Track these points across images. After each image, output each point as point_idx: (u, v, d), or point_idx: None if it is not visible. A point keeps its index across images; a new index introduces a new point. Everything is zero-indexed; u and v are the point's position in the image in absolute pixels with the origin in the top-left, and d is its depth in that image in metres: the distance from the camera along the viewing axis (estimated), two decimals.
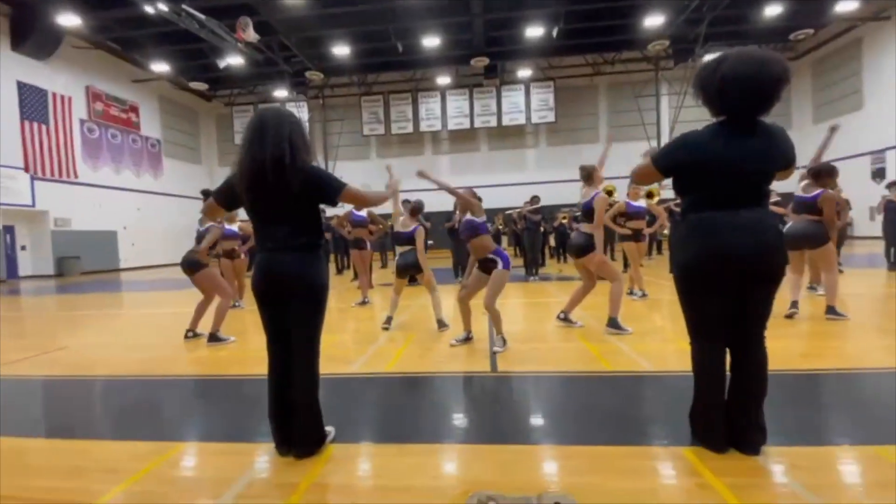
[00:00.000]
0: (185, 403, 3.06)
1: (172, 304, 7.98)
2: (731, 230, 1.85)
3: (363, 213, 6.94)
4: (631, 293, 6.26)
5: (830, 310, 4.44)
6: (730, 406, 1.99)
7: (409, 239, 5.04)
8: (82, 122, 17.37)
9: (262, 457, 2.11)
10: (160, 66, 18.25)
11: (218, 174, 24.49)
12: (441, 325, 4.80)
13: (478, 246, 3.91)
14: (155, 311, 7.28)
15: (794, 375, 2.97)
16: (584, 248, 4.30)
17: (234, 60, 17.07)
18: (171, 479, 1.96)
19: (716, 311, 1.95)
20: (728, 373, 2.00)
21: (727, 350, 2.00)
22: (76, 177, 16.94)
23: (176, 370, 3.76)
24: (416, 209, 5.24)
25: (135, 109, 19.79)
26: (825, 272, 4.59)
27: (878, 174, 17.46)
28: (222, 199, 2.15)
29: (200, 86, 20.90)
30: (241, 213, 3.68)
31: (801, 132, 20.99)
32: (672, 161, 1.97)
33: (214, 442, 2.32)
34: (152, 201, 20.30)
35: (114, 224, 18.50)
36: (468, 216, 3.97)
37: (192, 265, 4.61)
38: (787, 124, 20.96)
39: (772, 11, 16.03)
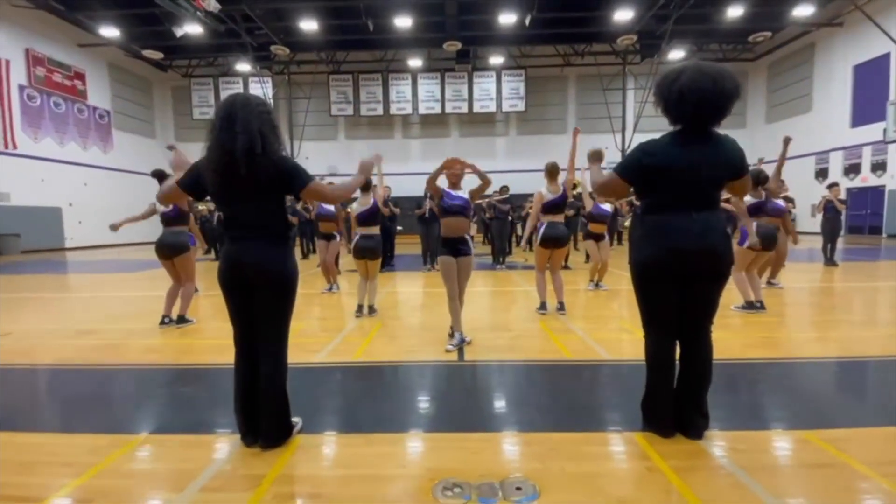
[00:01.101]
0: (144, 394, 2.97)
1: (124, 287, 7.62)
2: (683, 232, 1.98)
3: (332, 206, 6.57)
4: (598, 286, 6.52)
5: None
6: (677, 394, 2.15)
7: (371, 217, 4.95)
8: (21, 88, 16.00)
9: (226, 448, 2.10)
10: (109, 31, 16.98)
11: None
12: (371, 310, 4.91)
13: (459, 225, 3.72)
14: (106, 295, 6.93)
15: (736, 365, 3.21)
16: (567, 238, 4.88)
17: (192, 29, 16.11)
18: (131, 473, 1.93)
19: (667, 306, 2.10)
20: (677, 363, 2.16)
21: (677, 342, 2.16)
22: (15, 147, 15.66)
23: (131, 358, 3.63)
24: (367, 184, 5.16)
25: (81, 77, 18.39)
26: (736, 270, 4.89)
27: (822, 174, 18.68)
28: (188, 188, 2.07)
29: (154, 54, 19.57)
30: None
31: (755, 131, 22.12)
32: (636, 170, 2.07)
33: (176, 434, 2.27)
34: (101, 176, 19.06)
35: (58, 200, 17.29)
36: (459, 193, 3.77)
37: (175, 248, 4.47)
38: (741, 124, 22.03)
39: (734, 13, 16.64)
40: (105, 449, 2.09)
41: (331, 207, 6.41)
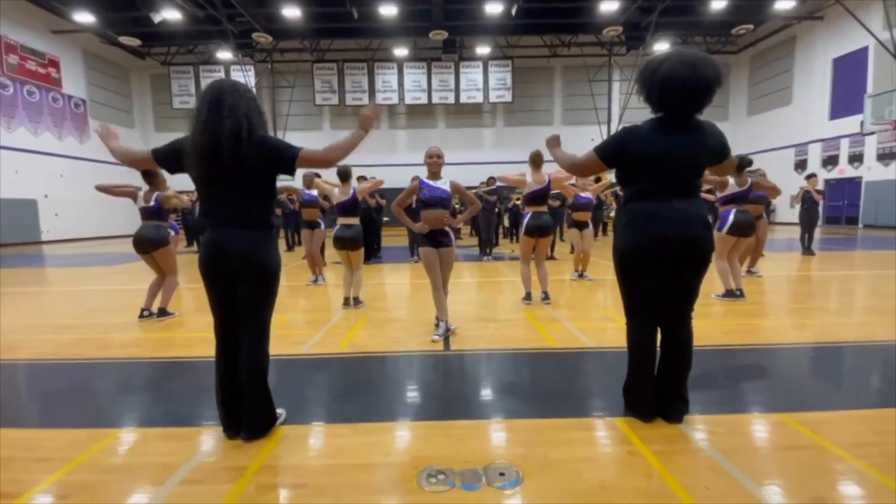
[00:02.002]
0: (122, 388, 2.92)
1: (103, 281, 7.45)
2: (665, 220, 2.00)
3: (314, 192, 6.25)
4: (581, 275, 6.58)
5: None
6: (658, 379, 2.19)
7: (351, 207, 4.91)
8: None
9: (207, 441, 2.07)
10: (84, 17, 16.40)
11: (154, 140, 22.65)
12: (357, 302, 4.90)
13: (439, 217, 3.66)
14: (83, 289, 6.77)
15: (716, 351, 3.27)
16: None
17: (170, 15, 15.67)
18: (110, 467, 1.89)
19: (649, 293, 2.12)
20: (658, 349, 2.19)
21: (658, 329, 2.19)
22: None
23: (110, 352, 3.55)
24: (346, 174, 5.15)
25: (55, 64, 17.77)
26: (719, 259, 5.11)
27: (801, 165, 19.08)
28: (163, 160, 2.02)
29: (132, 41, 18.99)
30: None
31: (736, 123, 22.46)
32: (614, 152, 2.08)
33: (156, 427, 2.23)
34: (78, 167, 18.50)
35: (33, 192, 16.77)
36: (439, 184, 3.69)
37: (155, 242, 4.35)
38: (723, 116, 22.33)
39: (717, 5, 16.78)
40: (83, 443, 2.05)
41: (314, 192, 6.25)
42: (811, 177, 9.12)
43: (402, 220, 3.89)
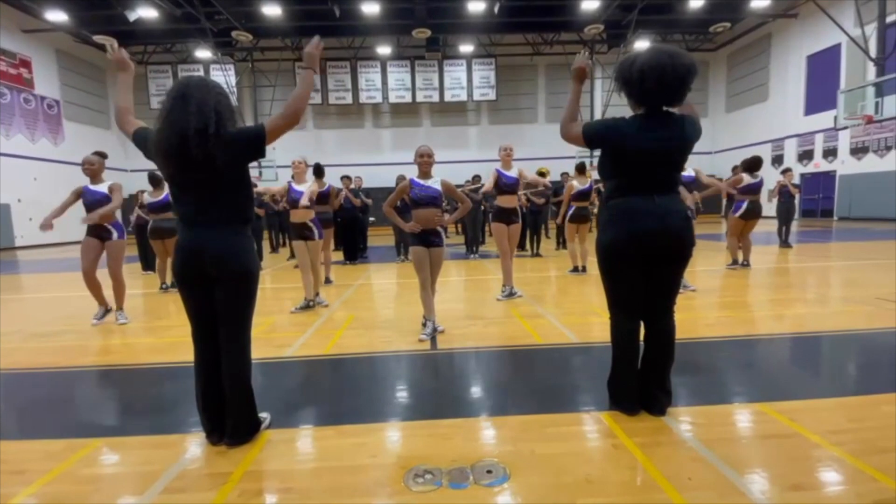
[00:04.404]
0: (101, 396, 2.85)
1: (79, 287, 7.24)
2: (646, 214, 2.03)
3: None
4: (575, 270, 6.71)
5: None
6: (641, 372, 2.22)
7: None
8: None
9: (190, 448, 2.03)
10: (56, 15, 15.91)
11: (130, 143, 22.12)
12: (319, 303, 4.98)
13: (430, 216, 3.67)
14: (59, 295, 6.58)
15: (698, 343, 3.33)
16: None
17: (146, 13, 15.29)
18: (89, 478, 1.84)
19: (632, 288, 2.15)
20: (641, 342, 2.22)
21: (641, 322, 2.22)
22: None
23: (87, 360, 3.47)
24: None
25: (26, 64, 17.21)
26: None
27: (777, 160, 19.52)
28: (138, 143, 2.08)
29: (106, 39, 18.49)
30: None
31: (715, 120, 22.89)
32: (598, 136, 2.11)
33: (137, 435, 2.18)
34: (52, 170, 17.93)
35: (6, 196, 16.23)
36: (430, 184, 3.70)
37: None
38: (702, 113, 22.70)
39: (695, 3, 17.04)
40: (60, 454, 2.00)
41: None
42: (787, 171, 9.35)
43: (394, 221, 3.87)
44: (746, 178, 6.37)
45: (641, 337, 2.22)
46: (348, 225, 9.05)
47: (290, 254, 9.78)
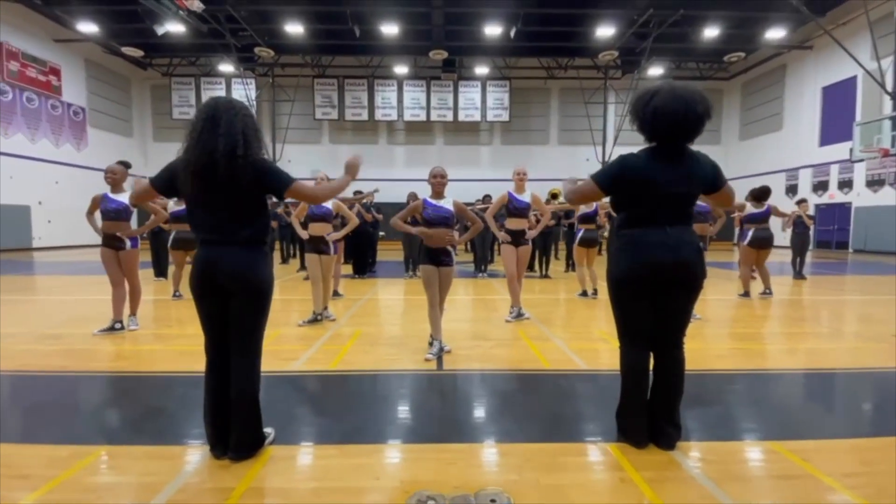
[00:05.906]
0: (108, 403, 2.87)
1: (93, 290, 7.36)
2: (658, 245, 2.03)
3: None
4: (584, 294, 6.67)
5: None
6: (651, 404, 2.18)
7: (324, 216, 5.03)
8: None
9: (194, 460, 2.03)
10: (87, 27, 16.57)
11: (152, 150, 22.70)
12: (327, 317, 5.00)
13: (443, 236, 3.63)
14: (72, 298, 6.69)
15: (708, 375, 3.27)
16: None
17: (174, 28, 15.83)
18: (92, 486, 1.84)
19: (642, 318, 2.13)
20: (651, 374, 2.19)
21: (651, 353, 2.19)
22: None
23: (95, 365, 3.50)
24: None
25: (56, 72, 17.85)
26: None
27: (791, 190, 19.38)
28: (161, 186, 2.03)
29: (134, 52, 19.17)
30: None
31: (728, 148, 22.88)
32: (613, 180, 2.12)
33: (141, 445, 2.19)
34: (74, 175, 18.41)
35: (27, 198, 16.66)
36: (442, 203, 3.75)
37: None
38: (716, 140, 22.74)
39: (710, 33, 17.23)
40: (65, 461, 2.00)
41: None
42: (802, 202, 9.26)
43: (403, 230, 3.86)
44: (749, 207, 6.46)
45: (651, 367, 2.20)
46: (359, 239, 9.12)
47: (300, 265, 9.86)
